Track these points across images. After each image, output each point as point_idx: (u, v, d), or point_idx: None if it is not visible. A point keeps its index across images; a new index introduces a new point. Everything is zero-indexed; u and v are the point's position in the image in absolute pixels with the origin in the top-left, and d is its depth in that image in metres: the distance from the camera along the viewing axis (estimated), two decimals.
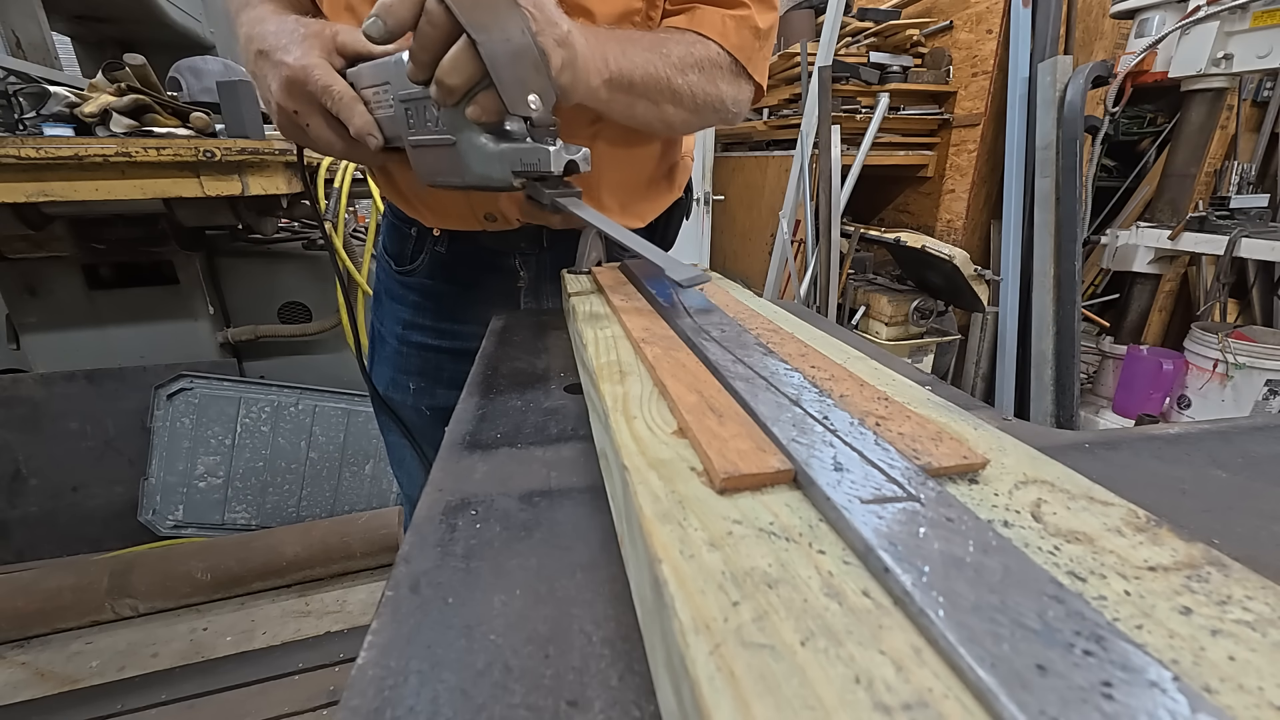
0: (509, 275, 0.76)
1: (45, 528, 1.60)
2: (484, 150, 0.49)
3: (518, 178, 0.50)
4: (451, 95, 0.45)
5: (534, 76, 0.44)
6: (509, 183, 0.50)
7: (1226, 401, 1.89)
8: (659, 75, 0.58)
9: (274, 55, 0.51)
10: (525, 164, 0.49)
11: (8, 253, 1.46)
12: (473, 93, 0.45)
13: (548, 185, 0.51)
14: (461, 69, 0.43)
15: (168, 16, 2.11)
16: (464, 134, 0.49)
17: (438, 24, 0.42)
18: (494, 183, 0.51)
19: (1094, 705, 0.14)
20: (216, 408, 1.64)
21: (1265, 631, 0.17)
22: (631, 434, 0.28)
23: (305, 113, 0.52)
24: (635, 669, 0.20)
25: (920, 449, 0.26)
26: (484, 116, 0.46)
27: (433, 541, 0.27)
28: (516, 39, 0.43)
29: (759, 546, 0.20)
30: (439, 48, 0.43)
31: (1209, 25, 1.74)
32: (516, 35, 0.43)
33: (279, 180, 1.25)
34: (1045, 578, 0.18)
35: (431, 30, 0.42)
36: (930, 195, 2.70)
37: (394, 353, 0.82)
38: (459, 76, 0.43)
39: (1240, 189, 2.17)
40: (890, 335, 2.24)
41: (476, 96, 0.45)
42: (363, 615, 1.38)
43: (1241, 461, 0.34)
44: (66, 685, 1.19)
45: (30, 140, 1.06)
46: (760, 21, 0.63)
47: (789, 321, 0.49)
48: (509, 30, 0.42)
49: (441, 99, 0.45)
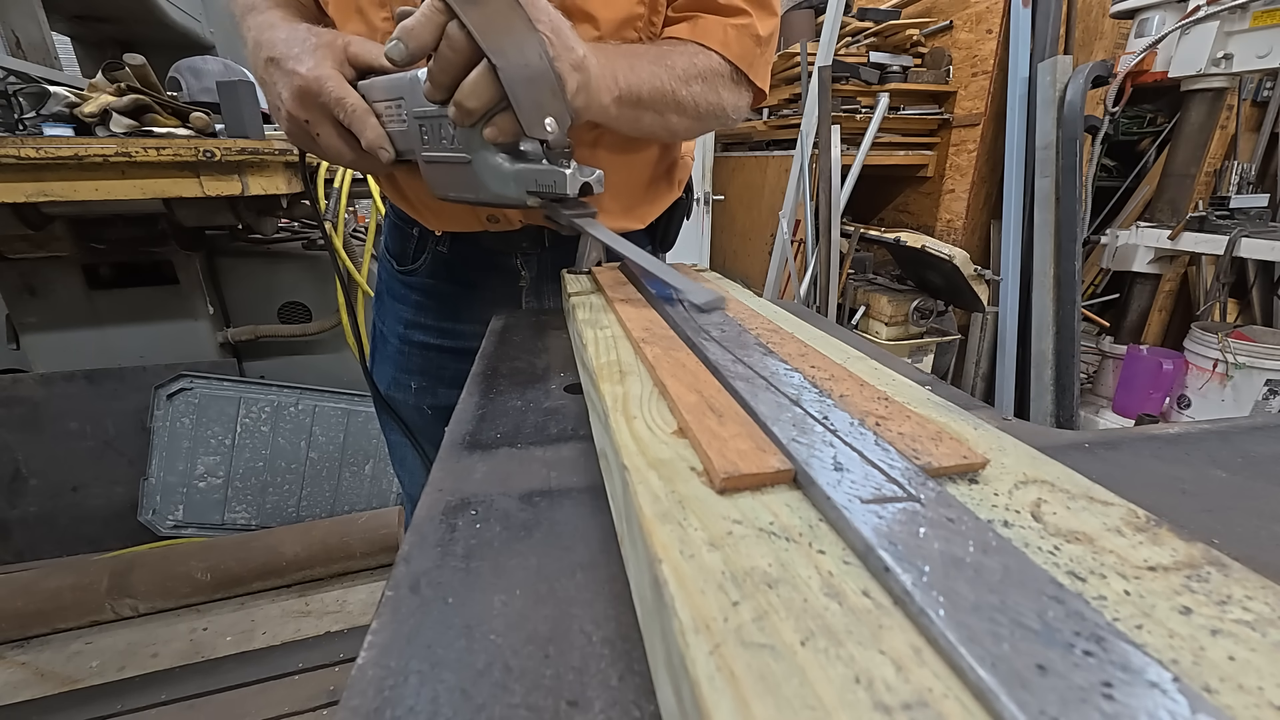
0: (511, 275, 0.76)
1: (45, 528, 1.60)
2: (500, 170, 0.50)
3: (532, 197, 0.50)
4: (470, 117, 0.45)
5: (551, 100, 0.45)
6: (523, 201, 0.51)
7: (1226, 401, 1.89)
8: (664, 88, 0.59)
9: (285, 64, 0.51)
10: (541, 185, 0.50)
11: (8, 253, 1.46)
12: (490, 114, 0.46)
13: (565, 206, 0.52)
14: (481, 93, 0.44)
15: (168, 16, 2.11)
16: (479, 153, 0.50)
17: (458, 48, 0.42)
18: (509, 201, 0.51)
19: (1094, 705, 0.14)
20: (216, 408, 1.64)
21: (1265, 631, 0.17)
22: (631, 434, 0.28)
23: (316, 122, 0.52)
24: (635, 669, 0.20)
25: (920, 449, 0.26)
26: (501, 138, 0.47)
27: (433, 541, 0.27)
28: (535, 64, 0.43)
29: (759, 546, 0.20)
30: (459, 71, 0.44)
31: (1209, 25, 1.74)
32: (535, 60, 0.43)
33: (279, 180, 1.25)
34: (1045, 578, 0.18)
35: (452, 54, 0.43)
36: (930, 195, 2.70)
37: (396, 352, 0.82)
38: (478, 100, 0.44)
39: (1240, 189, 2.17)
40: (890, 335, 2.24)
41: (494, 118, 0.46)
42: (363, 615, 1.38)
43: (1241, 461, 0.34)
44: (66, 685, 1.19)
45: (30, 140, 1.06)
46: (761, 29, 0.64)
47: (789, 321, 0.49)
48: (528, 55, 0.43)
49: (459, 120, 0.46)
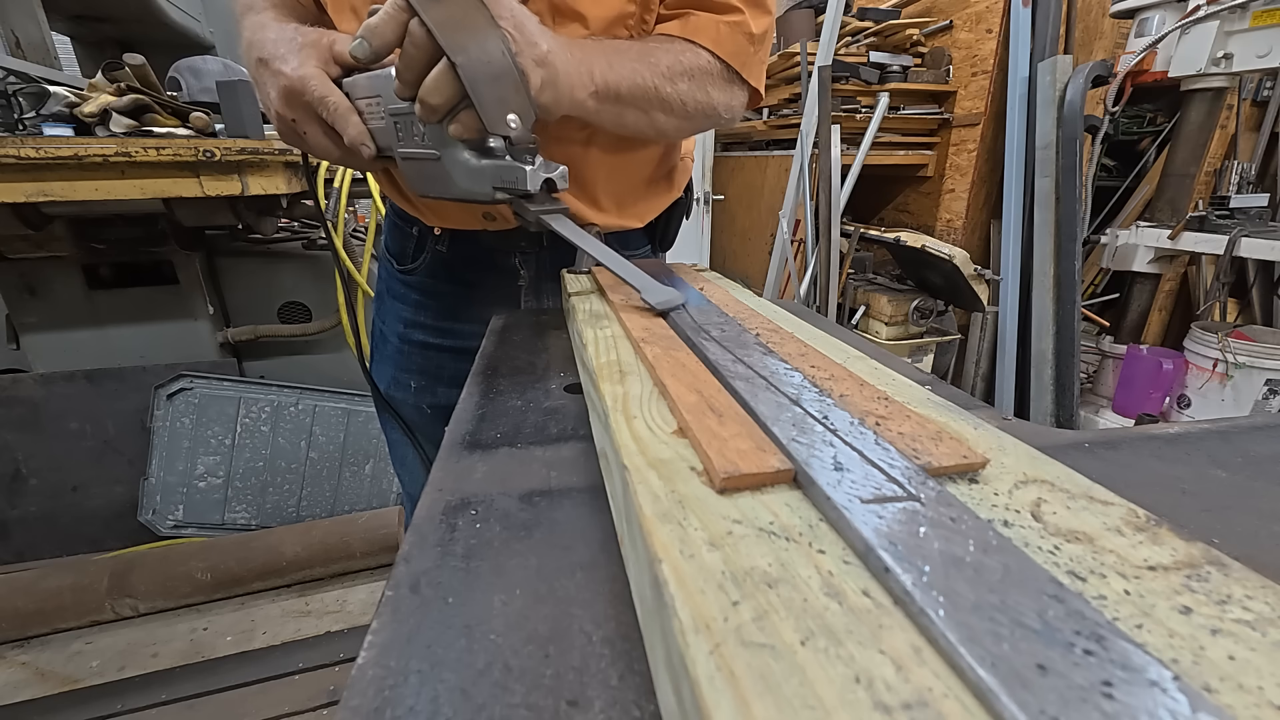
0: (510, 274, 0.76)
1: (45, 528, 1.60)
2: (467, 165, 0.51)
3: (499, 193, 0.51)
4: (434, 114, 0.46)
5: (513, 96, 0.45)
6: (491, 197, 0.52)
7: (1226, 401, 1.89)
8: (647, 85, 0.59)
9: (273, 64, 0.52)
10: (505, 181, 0.50)
11: (8, 253, 1.46)
12: (454, 111, 0.46)
13: (533, 202, 0.52)
14: (442, 89, 0.44)
15: (167, 16, 2.11)
16: (448, 149, 0.51)
17: (420, 45, 0.43)
18: (477, 196, 0.52)
19: (1094, 705, 0.14)
20: (216, 408, 1.64)
21: (1265, 631, 0.17)
22: (631, 434, 0.28)
23: (302, 121, 0.53)
24: (635, 669, 0.20)
25: (920, 448, 0.26)
26: (465, 134, 0.47)
27: (433, 541, 0.27)
28: (496, 60, 0.44)
29: (759, 546, 0.20)
30: (422, 68, 0.44)
31: (1209, 25, 1.74)
32: (496, 57, 0.44)
33: (279, 180, 1.25)
34: (1045, 577, 0.18)
35: (415, 51, 0.44)
36: (930, 195, 2.70)
37: (396, 351, 0.83)
38: (440, 96, 0.45)
39: (1240, 188, 2.16)
40: (890, 335, 2.24)
41: (458, 115, 0.46)
42: (363, 615, 1.38)
43: (1241, 461, 0.34)
44: (66, 685, 1.19)
45: (30, 140, 1.06)
46: (754, 26, 0.63)
47: (789, 321, 0.49)
48: (489, 52, 0.43)
49: (424, 116, 0.47)
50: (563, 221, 0.53)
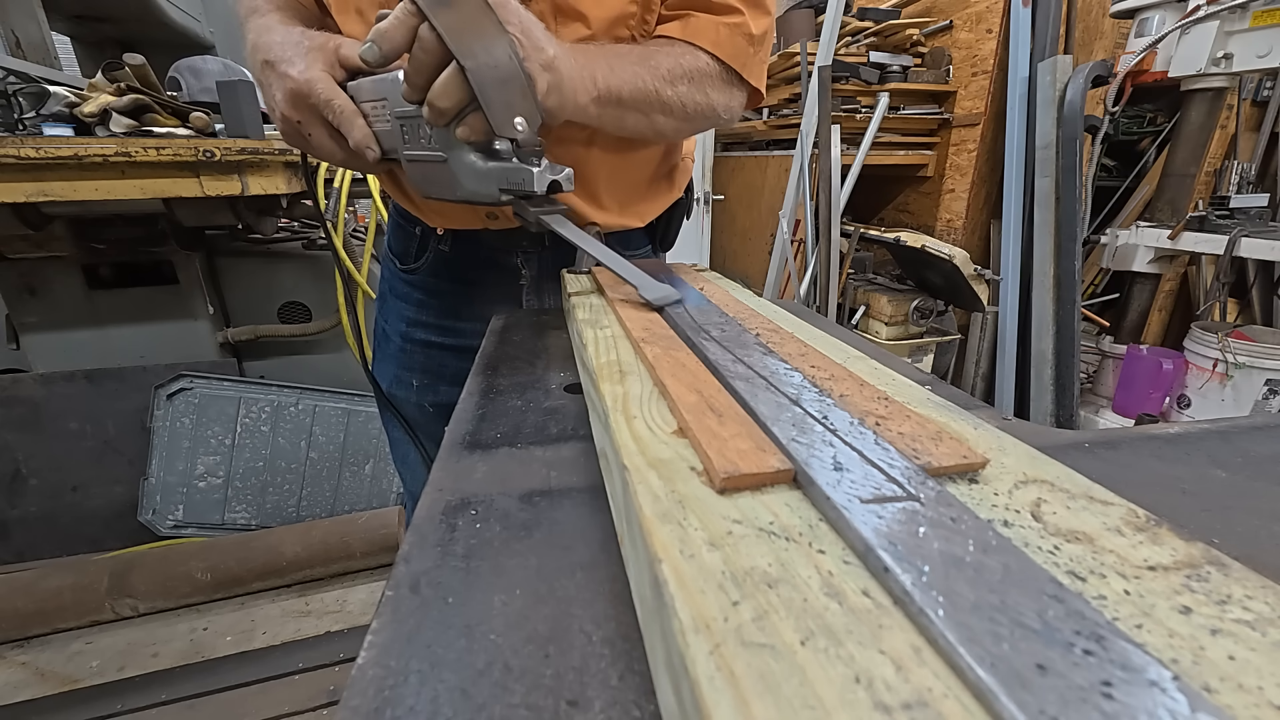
0: (512, 273, 0.77)
1: (45, 528, 1.60)
2: (473, 168, 0.52)
3: (504, 194, 0.52)
4: (442, 117, 0.47)
5: (520, 100, 0.46)
6: (496, 199, 0.52)
7: (1226, 401, 1.89)
8: (647, 89, 0.59)
9: (279, 67, 0.53)
10: (511, 183, 0.51)
11: (8, 253, 1.46)
12: (462, 114, 0.47)
13: (533, 203, 0.53)
14: (451, 93, 0.45)
15: (167, 16, 2.11)
16: (454, 152, 0.52)
17: (429, 50, 0.44)
18: (482, 198, 0.53)
19: (1094, 705, 0.14)
20: (216, 408, 1.64)
21: (1265, 631, 0.17)
22: (631, 434, 0.28)
23: (308, 123, 0.54)
24: (635, 669, 0.20)
25: (920, 448, 0.26)
26: (472, 136, 0.48)
27: (433, 541, 0.27)
28: (504, 65, 0.45)
29: (759, 546, 0.20)
30: (431, 72, 0.45)
31: (1209, 25, 1.74)
32: (504, 61, 0.45)
33: (279, 180, 1.25)
34: (1045, 577, 0.18)
35: (424, 55, 0.44)
36: (930, 195, 2.70)
37: (398, 350, 0.83)
38: (448, 100, 0.46)
39: (1240, 188, 2.16)
40: (890, 335, 2.24)
41: (466, 118, 0.47)
42: (363, 615, 1.38)
43: (1241, 461, 0.34)
44: (66, 685, 1.19)
45: (30, 140, 1.06)
46: (754, 27, 0.64)
47: (789, 321, 0.49)
48: (497, 56, 0.44)
49: (433, 119, 0.47)
50: (562, 221, 0.53)
